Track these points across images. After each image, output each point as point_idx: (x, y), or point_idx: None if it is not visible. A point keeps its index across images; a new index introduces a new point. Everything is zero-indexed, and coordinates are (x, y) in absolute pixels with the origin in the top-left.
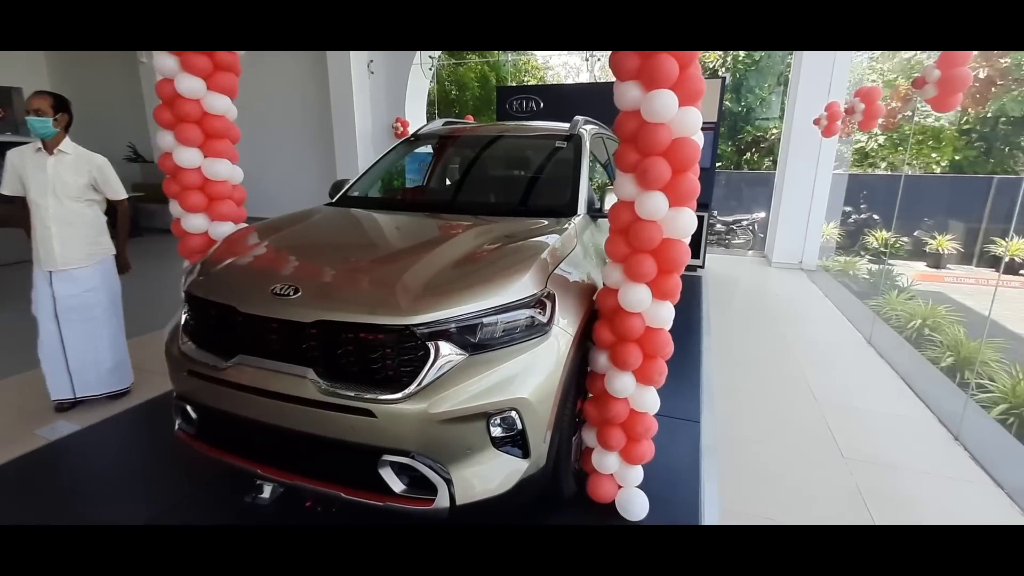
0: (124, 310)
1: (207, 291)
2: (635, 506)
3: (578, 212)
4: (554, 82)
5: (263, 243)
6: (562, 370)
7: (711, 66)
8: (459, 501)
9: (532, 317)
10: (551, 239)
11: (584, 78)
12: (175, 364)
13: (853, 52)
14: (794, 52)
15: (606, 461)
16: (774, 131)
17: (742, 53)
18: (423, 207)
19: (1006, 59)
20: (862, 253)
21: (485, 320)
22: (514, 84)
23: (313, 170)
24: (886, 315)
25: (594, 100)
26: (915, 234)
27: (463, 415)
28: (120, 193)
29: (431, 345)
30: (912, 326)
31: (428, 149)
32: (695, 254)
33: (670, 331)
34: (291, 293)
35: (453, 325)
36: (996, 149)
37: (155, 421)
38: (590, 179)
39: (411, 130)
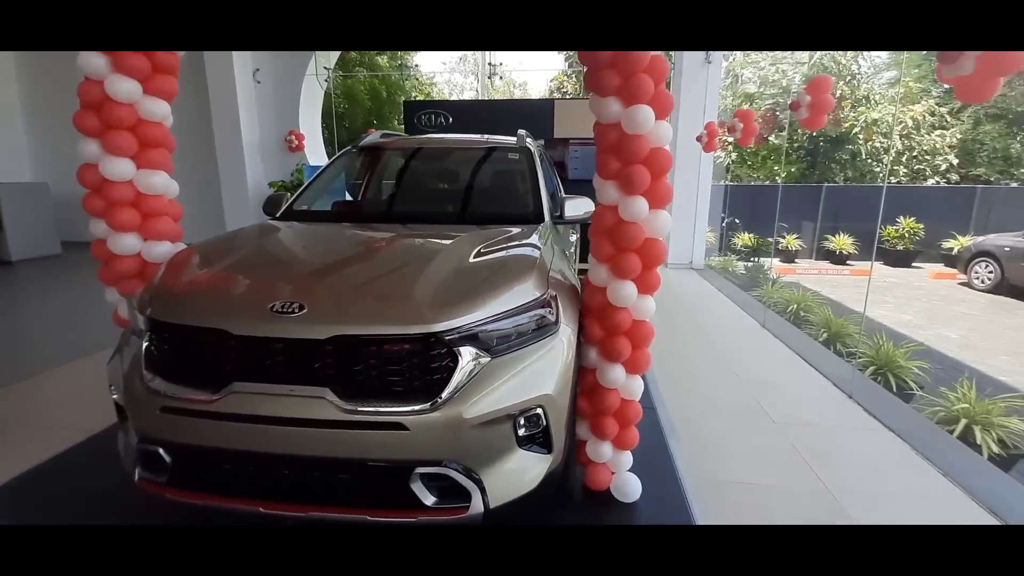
0: None
1: (184, 315)
2: (630, 488)
3: (544, 219)
4: (438, 98)
5: (230, 261)
6: (572, 365)
7: None
8: (492, 504)
9: (543, 316)
10: (535, 244)
11: (468, 95)
12: (141, 403)
13: (720, 80)
14: (673, 77)
15: (601, 450)
16: None
17: None
18: (388, 218)
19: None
20: (728, 253)
21: (504, 322)
22: (407, 99)
23: (192, 185)
24: (766, 303)
25: (502, 115)
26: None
27: (495, 417)
28: None
29: (457, 351)
30: (790, 310)
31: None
32: None
33: None
34: (296, 310)
35: (476, 329)
36: (819, 163)
37: (70, 483)
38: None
39: (306, 143)
